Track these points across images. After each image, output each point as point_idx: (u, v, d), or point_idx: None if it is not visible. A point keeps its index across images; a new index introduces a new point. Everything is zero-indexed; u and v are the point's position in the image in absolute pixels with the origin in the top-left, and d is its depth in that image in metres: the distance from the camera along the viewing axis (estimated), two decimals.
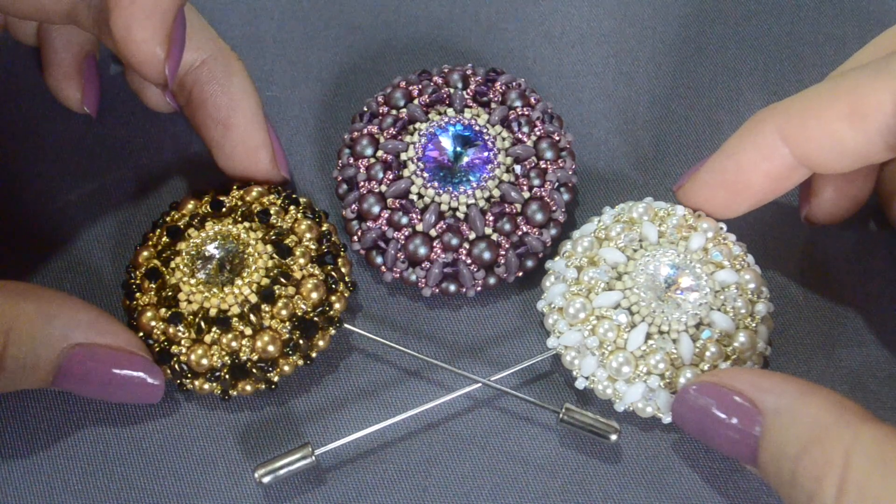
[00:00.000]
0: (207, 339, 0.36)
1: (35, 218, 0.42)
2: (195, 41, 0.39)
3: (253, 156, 0.40)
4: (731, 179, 0.37)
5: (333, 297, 0.37)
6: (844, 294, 0.40)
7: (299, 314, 0.36)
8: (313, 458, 0.36)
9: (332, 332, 0.37)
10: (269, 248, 0.37)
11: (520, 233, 0.39)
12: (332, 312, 0.37)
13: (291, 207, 0.39)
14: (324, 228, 0.39)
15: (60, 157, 0.44)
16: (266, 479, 0.36)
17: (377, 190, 0.39)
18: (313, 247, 0.38)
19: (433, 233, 0.38)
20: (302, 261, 0.37)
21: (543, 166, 0.39)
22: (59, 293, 0.36)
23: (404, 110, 0.40)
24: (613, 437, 0.36)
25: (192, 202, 0.39)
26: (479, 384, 0.37)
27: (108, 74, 0.45)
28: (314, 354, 0.37)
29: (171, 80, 0.34)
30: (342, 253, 0.39)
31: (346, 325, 0.38)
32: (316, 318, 0.37)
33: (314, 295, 0.36)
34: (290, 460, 0.36)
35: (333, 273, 0.38)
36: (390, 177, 0.39)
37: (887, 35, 0.38)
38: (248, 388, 0.37)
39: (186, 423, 0.38)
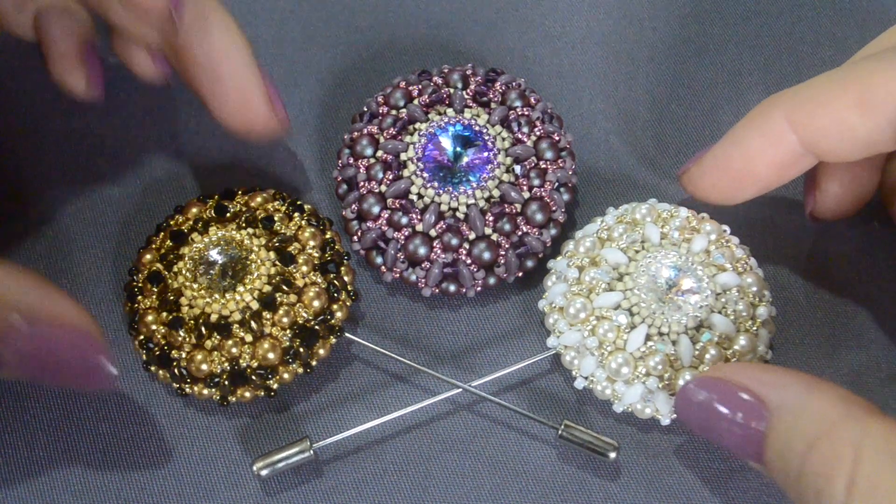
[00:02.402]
0: (208, 344, 0.36)
1: (34, 218, 0.42)
2: None
3: (247, 103, 0.38)
4: (736, 166, 0.37)
5: (335, 306, 0.37)
6: (846, 292, 0.40)
7: (300, 322, 0.36)
8: (311, 452, 0.36)
9: (333, 340, 0.37)
10: (272, 254, 0.37)
11: (520, 233, 0.39)
12: (333, 321, 0.37)
13: (296, 214, 0.39)
14: (327, 236, 0.39)
15: (60, 158, 0.43)
16: (264, 473, 0.36)
17: (377, 190, 0.39)
18: (316, 255, 0.38)
19: (433, 233, 0.38)
20: (304, 268, 0.37)
21: (543, 166, 0.39)
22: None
23: (404, 110, 0.40)
24: (612, 454, 0.36)
25: (196, 206, 0.39)
26: (484, 398, 0.37)
27: (110, 75, 0.45)
28: (314, 363, 0.37)
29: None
30: (345, 261, 0.39)
31: (347, 335, 0.38)
32: (317, 327, 0.37)
33: (316, 303, 0.36)
34: (288, 454, 0.36)
35: (336, 282, 0.37)
36: (390, 177, 0.39)
37: (888, 35, 0.38)
38: (248, 394, 0.37)
39: (187, 422, 0.38)
